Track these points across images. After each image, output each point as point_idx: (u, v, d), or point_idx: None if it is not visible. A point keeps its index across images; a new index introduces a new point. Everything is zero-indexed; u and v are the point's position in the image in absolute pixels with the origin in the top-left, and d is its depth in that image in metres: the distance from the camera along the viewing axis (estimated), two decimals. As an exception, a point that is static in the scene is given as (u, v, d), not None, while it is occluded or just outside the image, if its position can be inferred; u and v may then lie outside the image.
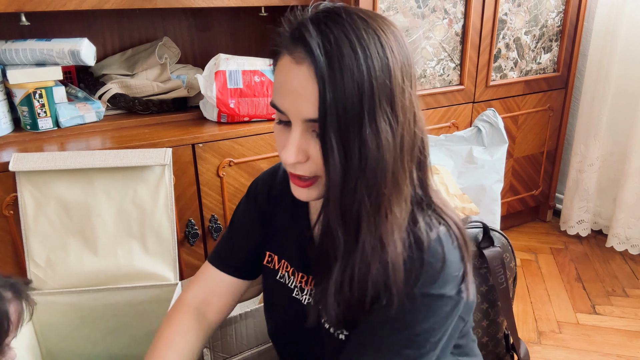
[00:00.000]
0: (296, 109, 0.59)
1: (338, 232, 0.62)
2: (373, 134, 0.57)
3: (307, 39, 0.56)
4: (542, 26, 1.99)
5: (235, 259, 0.87)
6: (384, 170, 0.59)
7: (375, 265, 0.62)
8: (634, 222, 2.08)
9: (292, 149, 0.60)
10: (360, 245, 0.61)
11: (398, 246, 0.62)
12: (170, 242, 1.16)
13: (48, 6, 1.25)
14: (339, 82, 0.55)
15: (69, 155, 1.09)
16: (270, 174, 0.87)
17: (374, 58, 0.56)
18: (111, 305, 1.14)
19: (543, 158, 2.23)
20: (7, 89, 1.34)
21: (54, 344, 1.16)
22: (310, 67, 0.56)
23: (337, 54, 0.55)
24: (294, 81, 0.58)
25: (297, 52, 0.57)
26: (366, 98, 0.56)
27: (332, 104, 0.55)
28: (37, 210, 1.10)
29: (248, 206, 0.87)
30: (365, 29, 0.57)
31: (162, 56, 1.63)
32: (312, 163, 0.62)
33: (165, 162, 1.11)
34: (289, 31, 0.61)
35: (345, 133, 0.56)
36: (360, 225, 0.61)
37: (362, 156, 0.57)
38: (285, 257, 0.81)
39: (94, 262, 1.13)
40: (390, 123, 0.58)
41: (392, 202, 0.61)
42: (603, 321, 1.71)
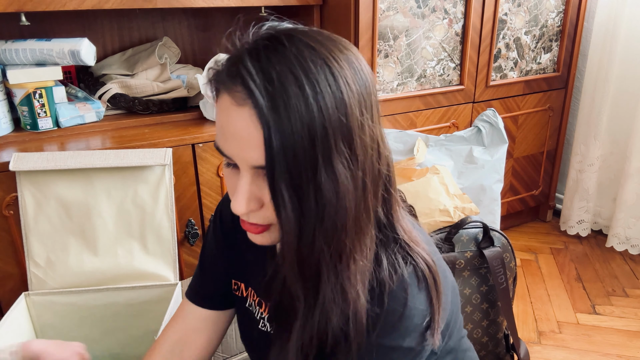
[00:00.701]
0: (242, 155, 0.52)
1: (296, 289, 0.56)
2: (330, 179, 0.50)
3: (245, 77, 0.49)
4: (542, 26, 1.99)
5: (209, 290, 0.82)
6: (344, 216, 0.53)
7: (337, 317, 0.56)
8: (634, 222, 2.08)
9: (242, 199, 0.53)
10: (321, 299, 0.56)
11: (361, 295, 0.57)
12: (171, 242, 1.16)
13: (48, 6, 1.25)
14: (286, 126, 0.48)
15: (69, 155, 1.09)
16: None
17: (325, 94, 0.49)
18: (111, 305, 1.14)
19: (543, 158, 2.23)
20: (7, 88, 1.34)
21: (54, 344, 1.16)
22: (252, 110, 0.49)
23: (281, 93, 0.48)
24: (237, 125, 0.51)
25: (236, 92, 0.50)
26: (319, 140, 0.49)
27: (279, 151, 0.48)
28: (37, 210, 1.10)
29: (214, 233, 0.82)
30: (313, 59, 0.50)
31: (162, 56, 1.63)
32: (267, 210, 0.55)
33: (165, 162, 1.11)
34: (226, 65, 0.53)
35: (297, 181, 0.50)
36: (320, 277, 0.55)
37: (318, 204, 0.51)
38: (251, 284, 0.76)
39: (94, 262, 1.13)
40: (349, 164, 0.52)
41: (354, 249, 0.55)
42: (603, 321, 1.71)
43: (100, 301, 1.14)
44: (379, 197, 0.58)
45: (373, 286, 0.58)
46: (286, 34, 0.52)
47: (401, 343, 0.59)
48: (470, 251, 1.20)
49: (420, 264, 0.60)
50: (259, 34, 0.55)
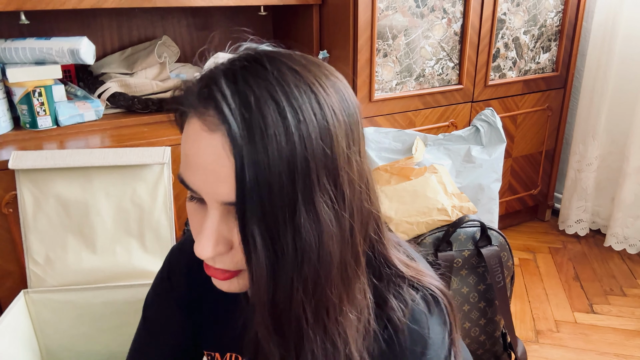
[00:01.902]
0: (209, 189, 0.45)
1: (271, 348, 0.48)
2: (311, 220, 0.44)
3: (219, 100, 0.43)
4: (541, 26, 1.99)
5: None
6: (329, 263, 0.46)
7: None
8: (632, 222, 2.08)
9: (208, 241, 0.45)
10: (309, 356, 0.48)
11: (354, 353, 0.50)
12: (169, 241, 1.16)
13: (47, 5, 1.25)
14: (261, 157, 0.41)
15: (68, 153, 1.10)
16: (187, 251, 0.68)
17: (309, 123, 0.43)
18: (110, 303, 1.15)
19: (542, 157, 2.24)
20: (7, 87, 1.35)
21: (52, 342, 1.16)
22: (225, 137, 0.42)
23: (258, 120, 0.42)
24: (206, 154, 0.44)
25: (208, 116, 0.44)
26: (299, 175, 0.42)
27: (253, 187, 0.42)
28: (36, 208, 1.11)
29: (159, 299, 0.70)
30: (296, 84, 0.44)
31: (161, 55, 1.63)
32: (237, 253, 0.47)
33: (164, 160, 1.12)
34: (197, 85, 0.46)
35: (272, 222, 0.43)
36: (302, 335, 0.48)
37: (297, 250, 0.44)
38: (231, 350, 0.65)
39: (92, 260, 1.14)
40: (334, 204, 0.45)
41: (342, 300, 0.48)
42: (601, 320, 1.72)
43: (98, 299, 1.14)
44: (367, 239, 0.52)
45: (385, 326, 0.52)
46: (267, 55, 0.47)
47: None
48: (468, 250, 1.20)
49: (434, 291, 0.55)
50: (236, 54, 0.49)
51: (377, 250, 0.55)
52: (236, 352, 0.64)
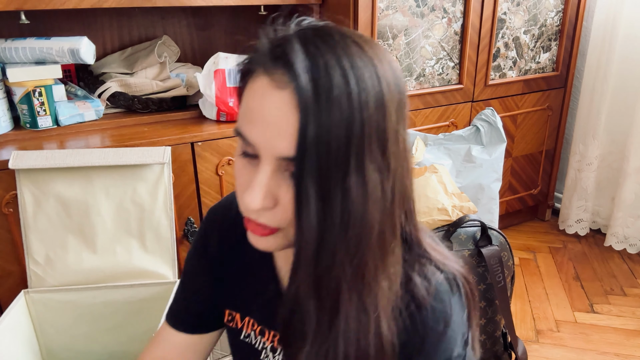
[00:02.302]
0: (269, 142, 0.47)
1: (310, 306, 0.50)
2: (359, 184, 0.46)
3: (291, 59, 0.45)
4: (541, 25, 1.99)
5: (189, 314, 0.75)
6: (370, 228, 0.48)
7: (357, 344, 0.51)
8: (632, 221, 2.08)
9: (259, 192, 0.48)
10: (340, 322, 0.50)
11: (383, 320, 0.52)
12: (169, 240, 1.16)
13: (48, 5, 1.25)
14: (324, 116, 0.44)
15: (69, 153, 1.10)
16: (222, 212, 0.72)
17: (368, 92, 0.46)
18: (110, 302, 1.15)
19: (542, 157, 2.24)
20: (7, 87, 1.35)
21: (53, 341, 1.17)
22: (293, 94, 0.45)
23: (326, 82, 0.44)
24: (271, 109, 0.46)
25: (277, 74, 0.46)
26: (355, 139, 0.45)
27: (313, 142, 0.44)
28: (37, 208, 1.11)
29: (196, 254, 0.75)
30: (360, 56, 0.47)
31: (161, 55, 1.63)
32: (281, 211, 0.49)
33: (164, 160, 1.12)
34: (268, 46, 0.49)
35: (325, 180, 0.45)
36: (339, 296, 0.49)
37: (344, 211, 0.46)
38: (249, 314, 0.69)
39: (93, 260, 1.14)
40: (380, 171, 0.47)
41: (378, 267, 0.50)
42: (601, 320, 1.72)
43: (99, 299, 1.14)
44: (402, 210, 0.53)
45: (408, 303, 0.54)
46: (335, 27, 0.50)
47: (452, 354, 0.56)
48: (468, 250, 1.20)
49: (455, 273, 0.58)
50: (301, 23, 0.52)
51: (408, 229, 0.57)
52: (255, 318, 0.68)
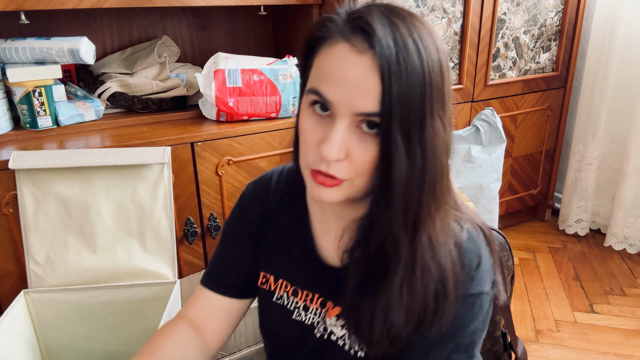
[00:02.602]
0: (348, 101, 0.55)
1: (401, 237, 0.58)
2: (431, 136, 0.56)
3: (375, 28, 0.54)
4: (541, 26, 1.99)
5: (225, 278, 0.82)
6: (441, 170, 0.58)
7: (434, 272, 0.60)
8: (632, 221, 2.08)
9: (336, 143, 0.55)
10: (419, 248, 0.59)
11: (451, 249, 0.61)
12: (169, 241, 1.16)
13: (47, 5, 1.25)
14: (404, 77, 0.53)
15: (68, 153, 1.10)
16: (261, 185, 0.81)
17: (432, 60, 0.55)
18: (110, 303, 1.15)
19: (542, 157, 2.24)
20: (7, 87, 1.35)
21: (53, 341, 1.17)
22: (375, 59, 0.53)
23: (403, 49, 0.54)
24: (353, 71, 0.54)
25: (357, 41, 0.55)
26: (427, 97, 0.55)
27: (397, 99, 0.53)
28: (37, 208, 1.11)
29: (235, 222, 0.82)
30: (422, 30, 0.56)
31: (161, 55, 1.63)
32: (349, 163, 0.57)
33: (164, 160, 1.12)
34: (346, 17, 0.57)
35: (407, 131, 0.54)
36: (417, 229, 0.59)
37: (423, 156, 0.56)
38: (283, 276, 0.76)
39: (93, 260, 1.14)
40: (444, 126, 0.58)
41: (442, 204, 0.60)
42: (601, 320, 1.72)
43: (99, 299, 1.14)
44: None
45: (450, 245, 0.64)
46: (402, 7, 0.58)
47: (482, 289, 0.64)
48: (467, 250, 1.20)
49: (477, 222, 0.68)
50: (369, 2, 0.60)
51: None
52: (288, 280, 0.75)
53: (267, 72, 1.47)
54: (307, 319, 0.74)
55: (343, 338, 0.70)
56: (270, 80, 1.47)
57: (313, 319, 0.73)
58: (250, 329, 1.16)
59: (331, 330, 0.71)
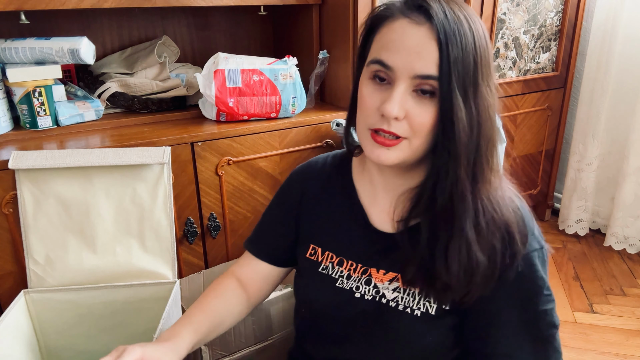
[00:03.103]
0: (408, 65, 0.63)
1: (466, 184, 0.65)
2: (486, 94, 0.64)
3: (430, 4, 0.63)
4: (541, 26, 1.99)
5: (268, 247, 0.91)
6: (491, 130, 0.66)
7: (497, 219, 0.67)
8: (632, 222, 2.08)
9: (396, 102, 0.63)
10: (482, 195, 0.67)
11: (510, 204, 0.69)
12: (169, 241, 1.16)
13: (47, 5, 1.25)
14: (458, 44, 0.61)
15: (68, 153, 1.10)
16: (309, 167, 0.90)
17: (480, 34, 0.64)
18: (110, 303, 1.15)
19: (541, 157, 2.24)
20: (7, 87, 1.35)
21: (53, 341, 1.17)
22: (431, 29, 0.62)
23: (457, 21, 0.62)
24: (412, 39, 0.63)
25: (414, 16, 0.63)
26: (478, 64, 0.63)
27: (454, 62, 0.61)
28: (37, 208, 1.11)
29: (283, 199, 0.91)
30: (468, 10, 0.65)
31: (161, 55, 1.63)
32: (407, 123, 0.65)
33: (164, 160, 1.12)
34: (402, 1, 0.67)
35: (465, 91, 0.62)
36: (477, 180, 0.66)
37: (480, 110, 0.64)
38: (329, 248, 0.83)
39: (93, 260, 1.14)
40: (491, 89, 0.66)
41: (495, 158, 0.68)
42: (601, 320, 1.72)
43: (99, 299, 1.14)
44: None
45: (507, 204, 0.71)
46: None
47: (542, 243, 0.73)
48: (467, 250, 1.20)
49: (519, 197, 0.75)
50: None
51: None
52: (334, 252, 0.82)
53: (267, 72, 1.47)
54: (349, 285, 0.79)
55: (395, 300, 0.75)
56: (270, 80, 1.47)
57: (353, 285, 0.79)
58: (250, 329, 1.16)
59: (383, 293, 0.76)
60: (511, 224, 0.69)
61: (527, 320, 0.71)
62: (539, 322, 0.72)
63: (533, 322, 0.72)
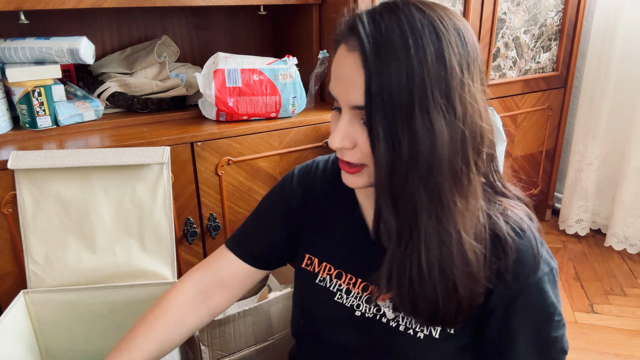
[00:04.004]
0: (344, 95, 0.61)
1: (390, 218, 0.62)
2: (425, 126, 0.56)
3: (358, 28, 0.58)
4: (541, 25, 1.99)
5: (253, 247, 0.85)
6: (440, 162, 0.58)
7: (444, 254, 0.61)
8: (632, 222, 2.08)
9: (338, 134, 0.62)
10: (422, 233, 0.61)
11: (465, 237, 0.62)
12: (169, 241, 1.16)
13: (47, 5, 1.25)
14: (385, 70, 0.56)
15: (68, 153, 1.09)
16: (308, 171, 0.85)
17: (426, 48, 0.56)
18: (109, 303, 1.14)
19: (542, 157, 2.24)
20: (6, 87, 1.34)
21: (52, 342, 1.16)
22: (360, 56, 0.58)
23: (385, 42, 0.56)
24: (344, 68, 0.60)
25: (350, 41, 0.60)
26: (417, 88, 0.56)
27: (377, 92, 0.56)
28: (36, 208, 1.10)
29: (276, 201, 0.86)
30: (420, 19, 0.57)
31: (161, 55, 1.63)
32: (359, 151, 0.63)
33: (163, 160, 1.11)
34: (345, 22, 0.63)
35: (392, 122, 0.57)
36: (417, 213, 0.60)
37: (412, 147, 0.57)
38: (327, 259, 0.79)
39: (92, 260, 1.14)
40: (445, 115, 0.57)
41: (454, 193, 0.60)
42: (601, 320, 1.72)
43: (98, 299, 1.14)
44: (481, 153, 0.62)
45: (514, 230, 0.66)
46: (404, 0, 0.60)
47: (553, 264, 0.69)
48: (468, 250, 1.20)
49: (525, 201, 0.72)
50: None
51: (493, 168, 0.68)
52: (332, 263, 0.78)
53: (266, 72, 1.47)
54: (348, 301, 0.76)
55: (396, 320, 0.72)
56: (270, 80, 1.47)
57: (353, 302, 0.76)
58: (249, 330, 1.16)
59: (384, 312, 0.73)
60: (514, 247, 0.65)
61: (538, 347, 0.69)
62: (551, 349, 0.70)
63: (544, 349, 0.70)
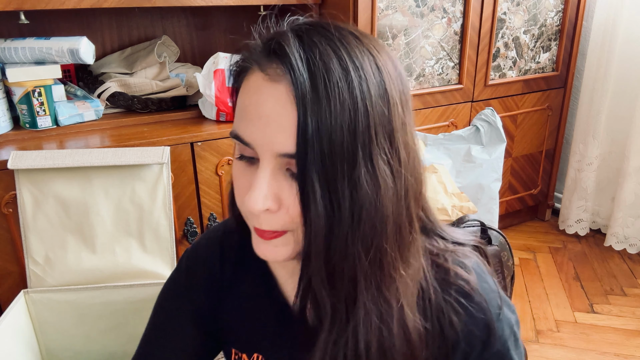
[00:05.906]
0: (267, 139, 0.44)
1: (324, 297, 0.48)
2: (369, 176, 0.44)
3: (286, 51, 0.44)
4: (541, 25, 1.99)
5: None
6: (384, 220, 0.46)
7: (384, 334, 0.50)
8: (632, 221, 2.08)
9: (258, 192, 0.45)
10: (361, 310, 0.49)
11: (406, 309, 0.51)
12: (169, 241, 1.16)
13: (47, 5, 1.25)
14: (324, 107, 0.42)
15: (68, 153, 1.10)
16: (209, 251, 0.66)
17: (369, 81, 0.44)
18: (109, 303, 1.15)
19: (542, 157, 2.23)
20: (6, 87, 1.35)
21: (52, 341, 1.16)
22: (289, 86, 0.43)
23: (323, 71, 0.43)
24: (267, 104, 0.44)
25: (272, 68, 0.45)
26: (360, 129, 0.43)
27: (315, 136, 0.42)
28: (36, 208, 1.11)
29: (177, 297, 0.67)
30: (357, 46, 0.45)
31: (161, 55, 1.63)
32: (285, 213, 0.47)
33: (163, 160, 1.12)
34: (262, 42, 0.48)
35: (331, 174, 0.43)
36: (355, 287, 0.48)
37: (354, 203, 0.44)
38: (257, 350, 0.64)
39: (92, 260, 1.14)
40: (389, 162, 0.46)
41: (396, 257, 0.49)
42: (601, 320, 1.72)
43: (98, 299, 1.14)
44: (417, 201, 0.51)
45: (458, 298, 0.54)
46: (331, 22, 0.48)
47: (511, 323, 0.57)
48: (467, 250, 1.20)
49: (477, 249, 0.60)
50: (295, 21, 0.50)
51: (427, 220, 0.57)
52: (263, 354, 0.63)
53: (266, 72, 1.47)
54: None
55: None
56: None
57: None
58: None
59: None
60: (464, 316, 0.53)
61: None
62: None
63: None
